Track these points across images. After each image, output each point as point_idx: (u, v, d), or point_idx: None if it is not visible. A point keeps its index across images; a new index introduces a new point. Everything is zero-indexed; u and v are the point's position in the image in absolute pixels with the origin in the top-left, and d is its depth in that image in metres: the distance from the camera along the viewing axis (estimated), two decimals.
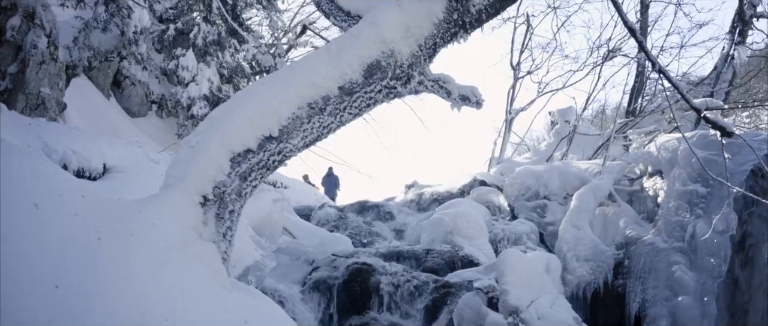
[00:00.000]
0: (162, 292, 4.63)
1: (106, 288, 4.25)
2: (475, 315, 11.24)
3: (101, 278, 4.31)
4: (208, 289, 5.10)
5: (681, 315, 11.94)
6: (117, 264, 4.51)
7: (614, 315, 13.04)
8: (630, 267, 13.21)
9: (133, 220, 5.02)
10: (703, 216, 12.65)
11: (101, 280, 4.29)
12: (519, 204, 17.20)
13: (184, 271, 4.97)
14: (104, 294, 4.20)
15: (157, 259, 4.86)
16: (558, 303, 12.06)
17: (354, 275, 12.50)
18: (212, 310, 4.94)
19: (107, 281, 4.32)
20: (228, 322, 4.99)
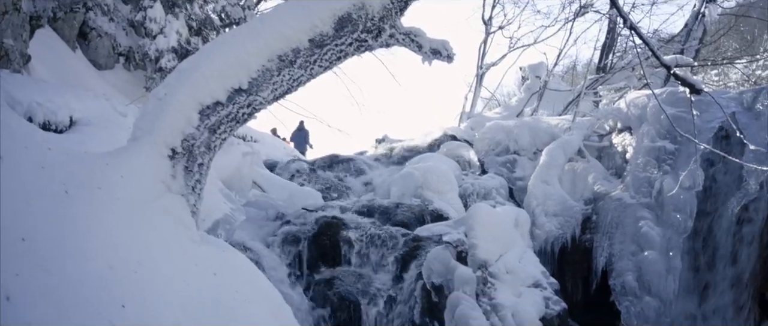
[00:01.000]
0: (130, 245, 4.60)
1: (73, 241, 4.21)
2: (444, 268, 11.31)
3: (69, 231, 4.26)
4: (177, 242, 5.07)
5: (647, 269, 12.11)
6: (85, 217, 4.46)
7: (581, 269, 13.21)
8: (598, 222, 13.34)
9: (101, 173, 4.96)
10: (671, 173, 12.78)
11: (69, 233, 4.25)
12: (489, 159, 17.27)
13: (153, 224, 4.93)
14: (72, 246, 4.16)
15: (125, 212, 4.81)
16: (526, 257, 12.18)
17: (324, 229, 12.51)
18: (181, 263, 4.92)
19: (75, 234, 4.27)
20: (197, 275, 4.97)
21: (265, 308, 5.58)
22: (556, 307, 11.40)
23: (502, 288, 11.43)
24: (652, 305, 11.89)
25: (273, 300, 5.88)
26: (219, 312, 4.93)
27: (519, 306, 11.16)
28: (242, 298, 5.26)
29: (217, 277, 5.10)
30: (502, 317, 10.93)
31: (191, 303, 4.68)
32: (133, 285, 4.27)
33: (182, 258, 4.96)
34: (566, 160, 15.06)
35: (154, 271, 4.53)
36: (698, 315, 12.53)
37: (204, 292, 4.89)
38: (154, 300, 4.34)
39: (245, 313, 5.19)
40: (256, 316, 5.36)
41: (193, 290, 4.80)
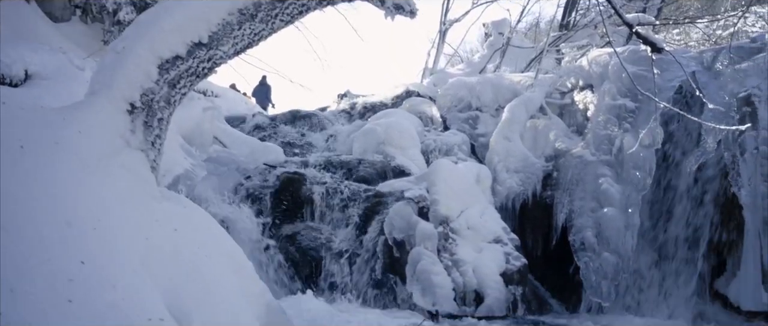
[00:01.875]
0: (89, 201, 4.53)
1: (30, 197, 4.14)
2: (406, 224, 11.36)
3: (25, 187, 4.19)
4: (137, 198, 5.01)
5: (606, 225, 12.25)
6: (42, 173, 4.38)
7: (542, 225, 13.33)
8: (558, 179, 13.45)
9: (58, 128, 4.87)
10: (631, 131, 12.89)
11: (25, 189, 4.17)
12: (451, 115, 17.28)
13: (112, 180, 4.87)
14: (29, 203, 4.09)
15: (83, 168, 4.74)
16: (487, 213, 12.27)
17: (286, 184, 12.48)
18: (141, 219, 4.87)
19: (32, 190, 4.20)
20: (158, 231, 4.92)
21: (226, 264, 5.56)
22: (516, 263, 11.51)
23: (463, 243, 11.52)
24: (610, 261, 12.05)
25: (235, 255, 5.86)
26: (180, 268, 4.89)
27: (480, 262, 11.26)
28: (203, 254, 5.23)
29: (178, 233, 5.06)
30: (463, 272, 11.03)
31: (151, 260, 4.64)
32: (92, 241, 4.22)
33: (142, 214, 4.91)
34: (528, 117, 15.12)
35: (114, 228, 4.47)
36: (655, 272, 12.73)
37: (164, 248, 4.85)
38: (114, 256, 4.29)
39: (207, 269, 5.16)
40: (218, 272, 5.33)
41: (153, 246, 4.76)
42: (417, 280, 10.88)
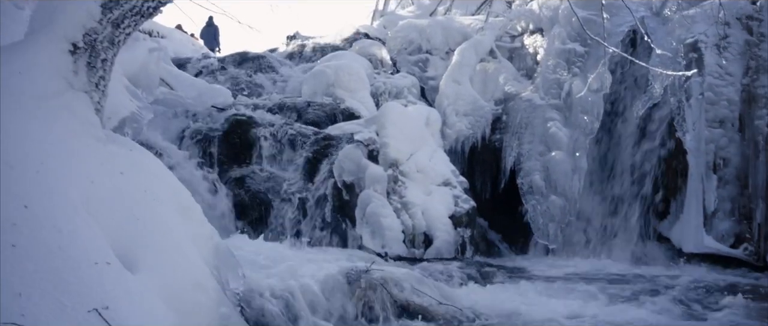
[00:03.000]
0: (31, 144, 4.43)
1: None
2: (355, 166, 11.34)
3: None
4: (82, 141, 4.90)
5: (554, 169, 12.38)
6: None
7: (491, 168, 13.42)
8: (507, 122, 13.52)
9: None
10: (580, 75, 12.97)
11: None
12: (401, 57, 17.19)
13: (55, 122, 4.75)
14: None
15: (25, 110, 4.61)
16: (437, 156, 12.31)
17: (234, 127, 12.35)
18: (86, 162, 4.77)
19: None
20: (103, 174, 4.84)
21: (174, 207, 5.50)
22: (465, 205, 11.60)
23: (412, 186, 11.56)
24: (557, 204, 12.21)
25: (182, 198, 5.79)
26: (126, 211, 4.83)
27: (429, 204, 11.32)
28: (151, 197, 5.16)
29: (124, 176, 4.98)
30: (413, 214, 11.08)
31: (97, 203, 4.57)
32: (35, 185, 4.13)
33: (87, 157, 4.81)
34: (478, 60, 15.11)
35: (58, 171, 4.38)
36: (601, 214, 12.94)
37: (110, 192, 4.78)
38: (59, 200, 4.21)
39: (154, 212, 5.10)
40: (166, 215, 5.28)
41: (98, 189, 4.68)
42: (366, 223, 10.91)
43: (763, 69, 11.68)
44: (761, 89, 11.60)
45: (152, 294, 4.34)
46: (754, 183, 11.58)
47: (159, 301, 4.35)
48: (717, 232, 11.55)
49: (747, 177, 11.66)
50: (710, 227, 11.53)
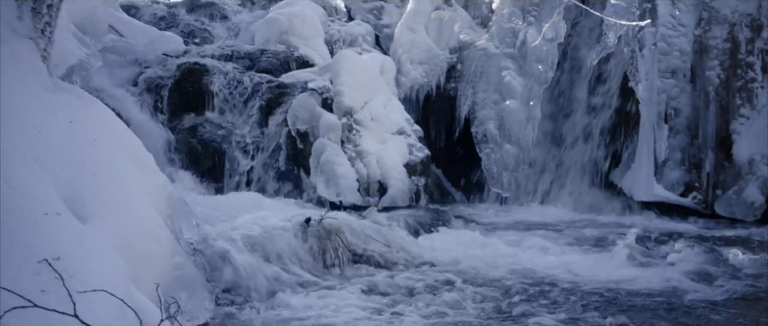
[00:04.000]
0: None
1: None
2: (310, 115, 11.27)
3: None
4: (28, 89, 4.77)
5: (508, 118, 12.42)
6: None
7: (445, 117, 13.42)
8: (462, 71, 13.49)
9: None
10: (535, 24, 12.94)
11: None
12: (356, 5, 17.00)
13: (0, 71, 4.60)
14: None
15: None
16: (391, 104, 12.26)
17: (186, 75, 12.15)
18: (34, 111, 4.64)
19: None
20: (51, 124, 4.71)
21: (125, 156, 5.41)
22: (419, 154, 11.61)
23: (367, 134, 11.52)
24: (511, 152, 12.28)
25: (133, 147, 5.70)
26: (76, 161, 4.72)
27: (384, 153, 11.31)
28: (101, 146, 5.06)
29: (74, 125, 4.86)
30: (367, 163, 11.07)
31: (46, 153, 4.46)
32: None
33: (34, 106, 4.68)
34: (433, 9, 14.99)
35: (4, 120, 4.25)
36: (554, 163, 13.06)
37: (59, 141, 4.66)
38: (5, 150, 4.09)
39: (105, 161, 5.00)
40: (117, 164, 5.18)
41: (47, 139, 4.56)
42: (321, 172, 10.88)
43: (715, 20, 11.79)
44: (713, 40, 11.73)
45: (104, 244, 4.27)
46: (704, 133, 11.78)
47: (111, 251, 4.28)
48: (667, 181, 11.76)
49: (697, 128, 11.86)
50: (661, 176, 11.74)
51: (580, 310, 7.31)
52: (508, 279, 8.19)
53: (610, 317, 6.89)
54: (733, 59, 11.71)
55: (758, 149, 11.45)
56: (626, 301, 7.69)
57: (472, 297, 7.57)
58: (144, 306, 3.99)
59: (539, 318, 6.96)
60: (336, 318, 6.77)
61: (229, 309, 6.84)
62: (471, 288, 7.88)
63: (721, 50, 11.73)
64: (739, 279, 8.56)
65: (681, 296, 7.83)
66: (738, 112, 11.61)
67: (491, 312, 7.20)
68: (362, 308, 7.14)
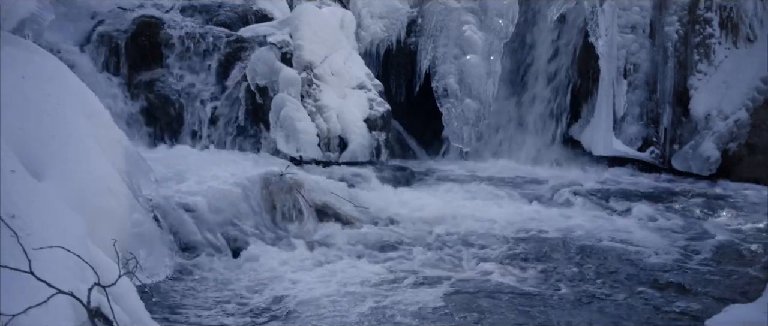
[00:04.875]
0: None
1: None
2: (269, 69, 11.16)
3: None
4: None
5: (468, 72, 12.42)
6: None
7: (405, 71, 13.37)
8: (423, 25, 13.41)
9: None
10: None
11: None
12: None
13: None
14: None
15: None
16: (351, 58, 12.17)
17: (142, 29, 11.92)
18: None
19: None
20: (3, 79, 4.60)
21: (80, 111, 5.31)
22: (380, 109, 11.56)
23: (327, 89, 11.44)
24: (472, 107, 12.29)
25: (88, 103, 5.60)
26: (30, 117, 4.63)
27: (344, 108, 11.25)
28: (55, 102, 4.95)
29: (26, 80, 4.75)
30: (327, 118, 11.01)
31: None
32: None
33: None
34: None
35: None
36: (514, 118, 13.11)
37: (11, 96, 4.56)
38: None
39: (59, 117, 4.91)
40: (72, 120, 5.08)
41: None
42: (281, 127, 10.80)
43: None
44: None
45: (60, 201, 4.20)
46: (662, 88, 11.91)
47: (67, 208, 4.21)
48: (626, 136, 11.92)
49: (656, 83, 12.00)
50: (619, 131, 11.89)
51: (533, 259, 7.49)
52: (467, 232, 8.34)
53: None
54: (691, 15, 11.80)
55: (715, 104, 11.62)
56: (578, 250, 7.86)
57: (429, 249, 7.68)
58: (102, 262, 3.94)
59: (488, 265, 7.19)
60: (295, 273, 6.80)
61: (189, 265, 6.82)
62: (429, 241, 8.00)
63: (680, 6, 11.83)
64: (692, 232, 8.75)
65: (631, 246, 8.03)
66: (696, 67, 11.73)
67: (448, 263, 7.32)
68: (321, 263, 7.19)
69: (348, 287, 6.49)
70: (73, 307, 3.29)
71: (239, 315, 5.76)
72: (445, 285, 6.61)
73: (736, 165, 11.38)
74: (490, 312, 5.97)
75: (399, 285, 6.58)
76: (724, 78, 11.65)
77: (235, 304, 5.98)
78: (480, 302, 6.23)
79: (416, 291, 6.44)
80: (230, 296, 6.19)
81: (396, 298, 6.20)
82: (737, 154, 11.38)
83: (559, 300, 6.33)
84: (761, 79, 11.51)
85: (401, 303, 6.08)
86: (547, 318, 5.92)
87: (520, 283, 6.74)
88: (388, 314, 5.84)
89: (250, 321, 5.67)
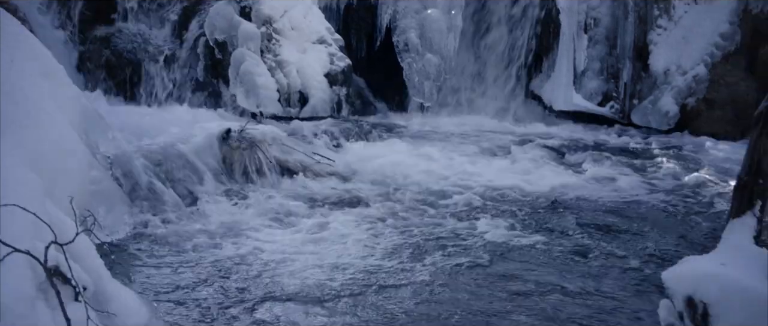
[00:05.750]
0: None
1: None
2: (228, 24, 11.04)
3: None
4: None
5: (429, 27, 12.37)
6: None
7: (366, 25, 13.25)
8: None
9: None
10: None
11: None
12: None
13: None
14: None
15: None
16: (311, 13, 12.07)
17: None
18: None
19: None
20: None
21: (35, 68, 5.21)
22: (340, 63, 11.51)
23: (287, 44, 11.36)
24: (432, 62, 12.25)
25: (43, 59, 5.49)
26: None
27: (304, 63, 11.18)
28: (8, 58, 4.85)
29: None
30: (287, 73, 10.94)
31: None
32: None
33: None
34: None
35: None
36: (475, 72, 13.09)
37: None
38: None
39: (14, 75, 4.81)
40: (26, 78, 4.99)
41: None
42: (240, 82, 10.71)
43: None
44: None
45: (16, 159, 4.12)
46: (622, 43, 12.00)
47: (23, 166, 4.14)
48: (586, 91, 12.01)
49: (616, 38, 12.05)
50: (580, 86, 11.97)
51: (490, 211, 7.61)
52: (426, 187, 8.45)
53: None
54: None
55: (674, 60, 11.76)
56: (533, 203, 7.98)
57: (390, 204, 7.74)
58: (59, 220, 3.88)
59: (447, 221, 7.27)
60: (256, 230, 6.79)
61: (149, 223, 6.77)
62: (389, 194, 8.07)
63: None
64: (649, 186, 8.89)
65: (587, 200, 8.17)
66: (655, 22, 11.83)
67: (407, 215, 7.38)
68: (281, 218, 7.19)
69: (308, 241, 6.56)
70: (31, 267, 3.24)
71: (201, 270, 5.75)
72: (404, 236, 6.74)
73: (695, 120, 11.56)
74: (443, 264, 6.09)
75: (360, 238, 6.68)
76: (683, 33, 11.76)
77: (194, 262, 5.96)
78: (435, 253, 6.35)
79: (375, 243, 6.56)
80: (190, 253, 6.17)
81: (356, 251, 6.32)
82: (695, 108, 11.55)
83: (508, 251, 6.46)
84: (720, 34, 11.65)
85: (362, 255, 6.20)
86: (497, 267, 6.07)
87: (475, 235, 6.87)
88: (349, 266, 5.92)
89: (213, 272, 5.67)
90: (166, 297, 5.22)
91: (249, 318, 4.97)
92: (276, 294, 5.34)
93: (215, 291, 5.37)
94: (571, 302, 5.37)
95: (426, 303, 5.28)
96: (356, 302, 5.26)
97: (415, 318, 5.05)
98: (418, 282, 5.65)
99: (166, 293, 5.30)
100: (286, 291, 5.41)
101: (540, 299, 5.41)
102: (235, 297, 5.28)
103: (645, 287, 5.69)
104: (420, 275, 5.80)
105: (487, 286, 5.62)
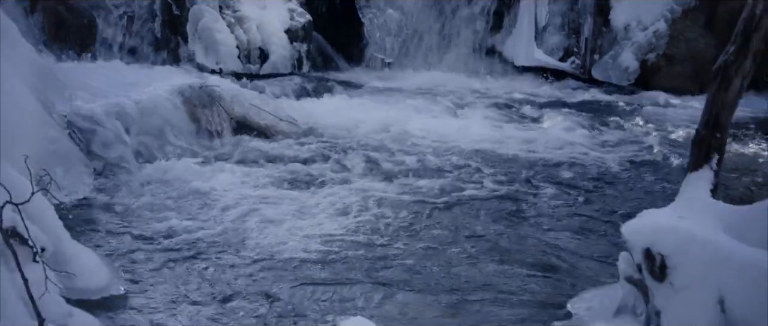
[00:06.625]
0: None
1: None
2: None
3: None
4: None
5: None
6: None
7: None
8: None
9: None
10: None
11: None
12: None
13: None
14: None
15: None
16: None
17: None
18: None
19: None
20: None
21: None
22: (301, 19, 11.41)
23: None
24: (394, 17, 12.18)
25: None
26: None
27: (264, 19, 11.07)
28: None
29: None
30: (247, 29, 10.83)
31: None
32: None
33: None
34: None
35: None
36: (437, 28, 13.02)
37: None
38: None
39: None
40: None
41: None
42: (199, 39, 10.57)
43: None
44: None
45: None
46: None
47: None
48: (547, 46, 12.06)
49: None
50: (541, 41, 11.99)
51: (449, 167, 7.65)
52: (384, 144, 8.45)
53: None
54: None
55: (634, 15, 11.84)
56: (492, 158, 8.05)
57: (351, 161, 7.75)
58: (14, 179, 3.82)
59: (407, 179, 7.31)
60: (217, 190, 6.75)
61: (108, 183, 6.70)
62: (352, 149, 8.08)
63: None
64: (609, 141, 8.99)
65: (546, 155, 8.26)
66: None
67: (367, 171, 7.42)
68: (242, 177, 7.17)
69: (269, 198, 6.57)
70: None
71: (162, 229, 5.72)
72: (364, 193, 6.79)
73: (655, 76, 11.68)
74: (404, 218, 6.21)
75: (322, 195, 6.73)
76: None
77: (156, 221, 5.91)
78: (395, 208, 6.44)
79: (336, 198, 6.66)
80: (151, 213, 6.12)
81: (316, 206, 6.42)
82: (656, 64, 11.66)
83: (462, 206, 6.56)
84: None
85: (324, 211, 6.30)
86: (448, 222, 6.19)
87: (430, 193, 6.92)
88: (313, 223, 5.99)
89: (174, 232, 5.64)
90: (128, 258, 5.18)
91: (209, 276, 4.98)
92: (238, 254, 5.34)
93: (176, 252, 5.34)
94: (530, 258, 5.44)
95: (381, 259, 5.36)
96: (306, 259, 5.33)
97: (369, 270, 5.08)
98: (373, 243, 5.70)
99: (127, 253, 5.27)
100: (246, 249, 5.42)
101: (494, 254, 5.48)
102: (195, 256, 5.26)
103: (605, 241, 5.78)
104: (377, 236, 5.84)
105: (439, 245, 5.68)
